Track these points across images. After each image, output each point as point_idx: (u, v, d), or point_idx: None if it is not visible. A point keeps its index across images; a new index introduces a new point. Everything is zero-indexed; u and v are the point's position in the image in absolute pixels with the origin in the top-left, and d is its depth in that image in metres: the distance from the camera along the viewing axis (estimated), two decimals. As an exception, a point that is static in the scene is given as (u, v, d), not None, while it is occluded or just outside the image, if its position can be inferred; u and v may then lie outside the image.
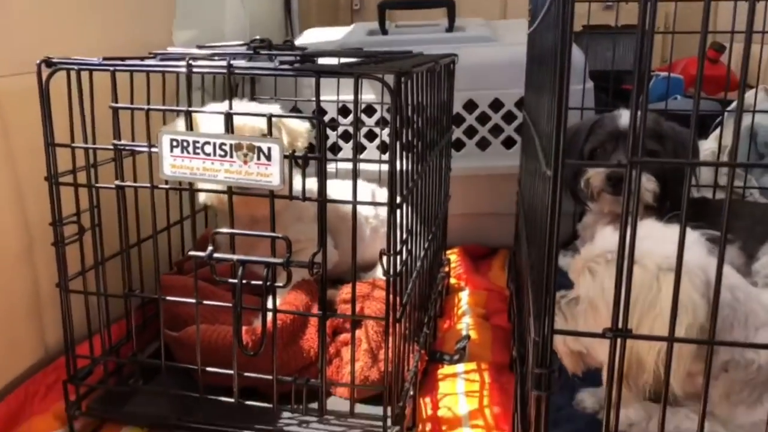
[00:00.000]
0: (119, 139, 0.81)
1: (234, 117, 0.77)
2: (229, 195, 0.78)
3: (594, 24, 2.03)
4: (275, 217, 0.80)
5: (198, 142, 0.75)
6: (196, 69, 0.76)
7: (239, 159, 0.75)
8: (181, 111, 0.78)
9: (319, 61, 0.87)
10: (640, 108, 0.53)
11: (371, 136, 1.51)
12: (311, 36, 1.76)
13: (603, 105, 1.64)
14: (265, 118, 0.76)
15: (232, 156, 0.75)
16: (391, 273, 0.78)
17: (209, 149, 0.75)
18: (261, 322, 0.85)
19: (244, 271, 0.78)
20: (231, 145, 0.74)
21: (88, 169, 0.84)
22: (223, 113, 0.76)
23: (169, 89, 1.07)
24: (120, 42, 1.18)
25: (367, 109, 1.47)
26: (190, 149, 0.76)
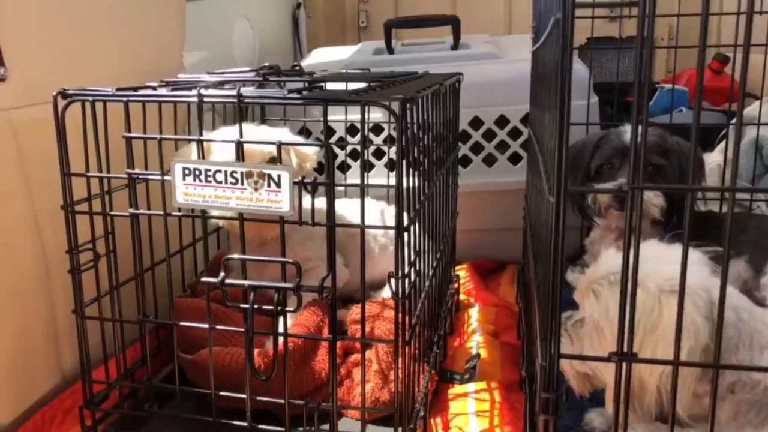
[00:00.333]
0: (133, 168, 0.83)
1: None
2: (241, 222, 0.80)
3: (598, 36, 2.04)
4: (285, 238, 0.81)
5: (210, 170, 0.77)
6: (206, 99, 0.78)
7: (250, 186, 0.76)
8: (193, 140, 0.80)
9: (328, 86, 0.89)
10: (640, 134, 0.54)
11: (379, 153, 1.53)
12: (319, 56, 1.78)
13: (608, 118, 1.65)
14: (272, 143, 0.78)
15: (243, 183, 0.76)
16: (400, 296, 0.79)
17: (221, 177, 0.77)
18: (272, 345, 0.86)
19: (255, 297, 0.79)
20: (242, 173, 0.76)
21: (102, 198, 0.86)
22: (234, 142, 0.77)
23: (181, 114, 1.09)
24: (133, 67, 1.20)
25: (375, 127, 1.48)
26: (202, 177, 0.77)
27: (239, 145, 0.77)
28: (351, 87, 0.88)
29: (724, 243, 0.56)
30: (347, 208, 1.11)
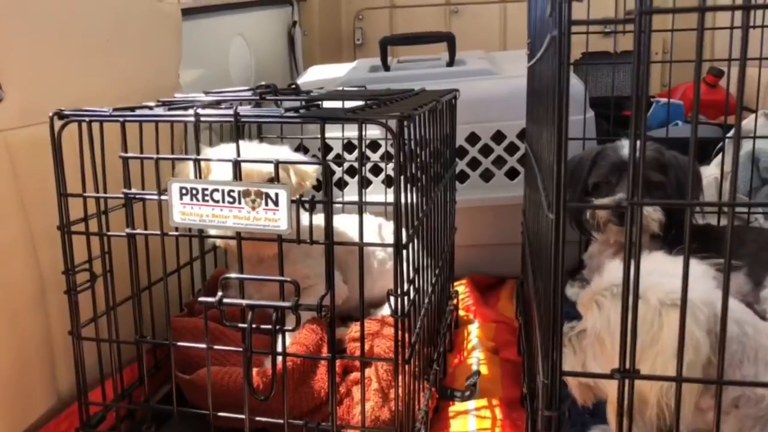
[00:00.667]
0: (129, 188, 0.83)
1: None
2: (238, 241, 0.80)
3: (593, 51, 2.05)
4: (283, 255, 0.80)
5: (207, 189, 0.77)
6: (203, 118, 0.78)
7: (247, 205, 0.76)
8: (190, 159, 0.79)
9: (324, 104, 0.89)
10: (638, 149, 0.54)
11: (376, 169, 1.53)
12: (315, 73, 1.79)
13: (604, 132, 1.65)
14: (269, 162, 0.78)
15: (240, 202, 0.76)
16: (399, 313, 0.79)
17: (218, 196, 0.77)
18: (271, 364, 0.85)
19: (253, 316, 0.79)
20: (239, 192, 0.76)
21: (99, 218, 0.86)
22: (231, 161, 0.77)
23: (178, 133, 1.09)
24: (129, 86, 1.20)
25: (372, 144, 1.49)
26: (199, 197, 0.77)
27: (237, 164, 0.77)
28: (348, 105, 0.88)
29: (725, 258, 0.56)
30: (345, 224, 1.11)
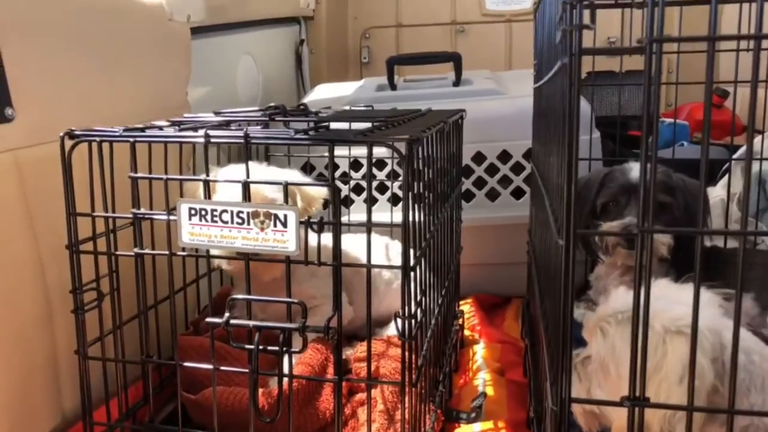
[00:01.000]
0: (138, 208, 0.83)
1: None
2: (246, 262, 0.80)
3: (599, 71, 2.06)
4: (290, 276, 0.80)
5: (216, 210, 0.77)
6: (214, 140, 0.78)
7: (256, 226, 0.76)
8: (199, 180, 0.80)
9: (332, 125, 0.89)
10: (649, 173, 0.54)
11: (382, 188, 1.53)
12: (322, 92, 1.80)
13: (610, 152, 1.66)
14: (280, 185, 0.78)
15: (249, 223, 0.76)
16: (406, 335, 0.79)
17: (227, 217, 0.77)
18: (277, 385, 0.85)
19: (260, 337, 0.79)
20: (248, 213, 0.76)
21: (108, 237, 0.86)
22: (240, 182, 0.77)
23: (186, 153, 1.09)
24: (138, 105, 1.21)
25: (378, 162, 1.49)
26: (208, 217, 0.77)
27: (246, 186, 0.77)
28: (355, 126, 0.89)
29: (737, 287, 0.56)
30: (352, 243, 1.11)
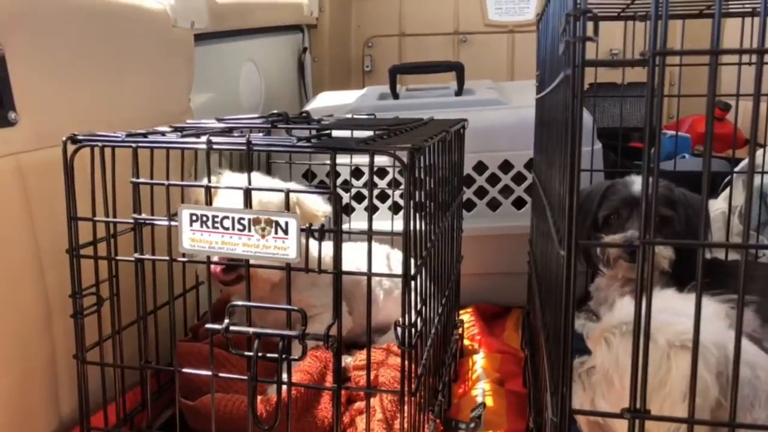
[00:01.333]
0: (139, 213, 0.83)
1: (251, 190, 0.79)
2: (246, 268, 0.80)
3: (601, 82, 2.07)
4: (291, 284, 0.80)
5: (217, 216, 0.77)
6: (216, 146, 0.78)
7: (257, 233, 0.76)
8: (201, 186, 0.80)
9: (334, 133, 0.90)
10: (651, 185, 0.54)
11: (383, 196, 1.54)
12: (324, 100, 1.80)
13: (612, 164, 1.66)
14: (280, 193, 0.78)
15: (250, 230, 0.76)
16: (406, 345, 0.78)
17: (228, 223, 0.77)
18: (276, 392, 0.85)
19: (259, 344, 0.78)
20: (249, 220, 0.76)
21: (108, 242, 0.86)
22: (243, 189, 0.77)
23: (188, 158, 1.09)
24: (141, 110, 1.22)
25: (379, 170, 1.49)
26: (209, 224, 0.77)
27: (248, 192, 0.77)
28: (357, 134, 0.89)
29: (738, 302, 0.55)
30: (353, 251, 1.11)
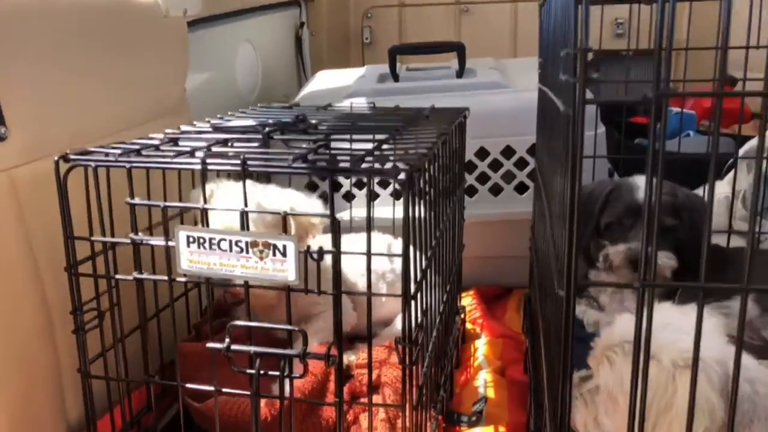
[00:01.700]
0: (137, 233, 0.83)
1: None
2: (246, 289, 0.80)
3: (605, 49, 2.02)
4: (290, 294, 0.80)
5: (214, 238, 0.76)
6: (210, 167, 0.77)
7: (255, 255, 0.76)
8: (197, 208, 0.79)
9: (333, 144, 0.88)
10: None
11: (385, 181, 1.52)
12: (323, 80, 1.77)
13: (615, 143, 1.63)
14: (277, 213, 0.78)
15: (248, 252, 0.76)
16: (407, 363, 0.79)
17: (225, 245, 0.76)
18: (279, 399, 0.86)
19: (261, 363, 0.79)
20: (246, 242, 0.75)
21: (106, 260, 0.86)
22: (239, 211, 0.77)
23: (185, 174, 1.07)
24: (136, 103, 1.20)
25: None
26: (206, 245, 0.77)
27: (244, 215, 0.77)
28: (357, 146, 0.88)
29: (741, 300, 0.55)
30: (353, 243, 1.10)
